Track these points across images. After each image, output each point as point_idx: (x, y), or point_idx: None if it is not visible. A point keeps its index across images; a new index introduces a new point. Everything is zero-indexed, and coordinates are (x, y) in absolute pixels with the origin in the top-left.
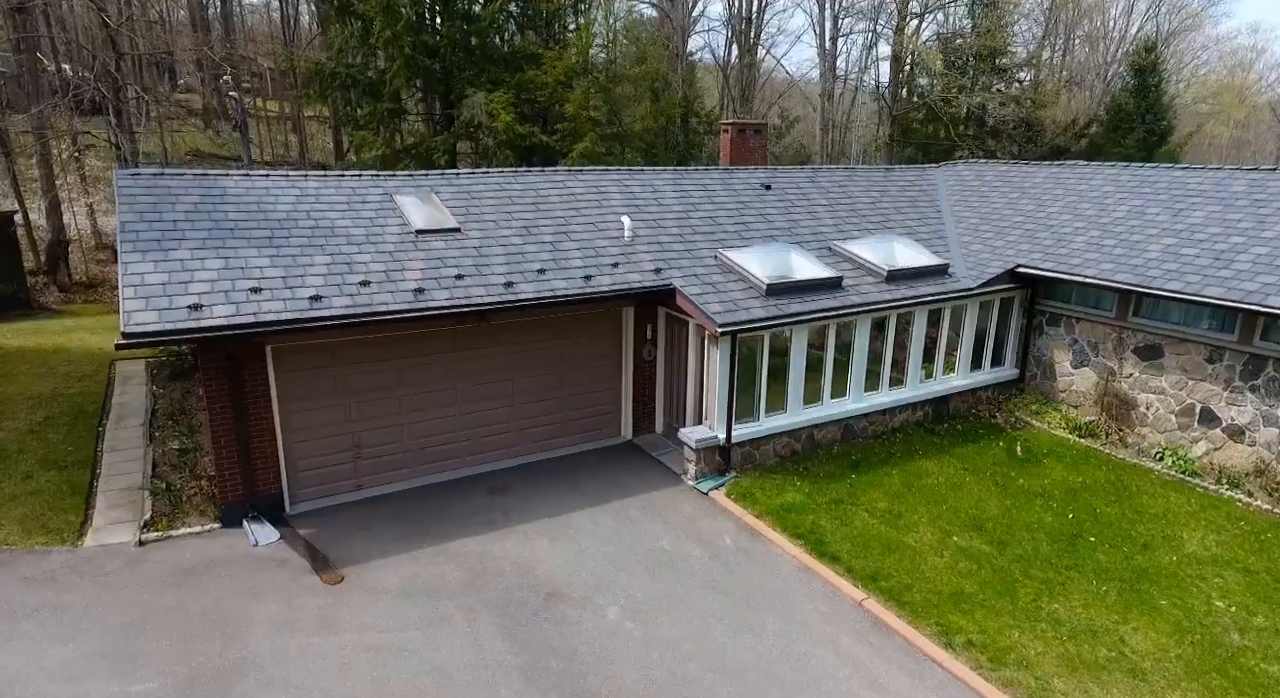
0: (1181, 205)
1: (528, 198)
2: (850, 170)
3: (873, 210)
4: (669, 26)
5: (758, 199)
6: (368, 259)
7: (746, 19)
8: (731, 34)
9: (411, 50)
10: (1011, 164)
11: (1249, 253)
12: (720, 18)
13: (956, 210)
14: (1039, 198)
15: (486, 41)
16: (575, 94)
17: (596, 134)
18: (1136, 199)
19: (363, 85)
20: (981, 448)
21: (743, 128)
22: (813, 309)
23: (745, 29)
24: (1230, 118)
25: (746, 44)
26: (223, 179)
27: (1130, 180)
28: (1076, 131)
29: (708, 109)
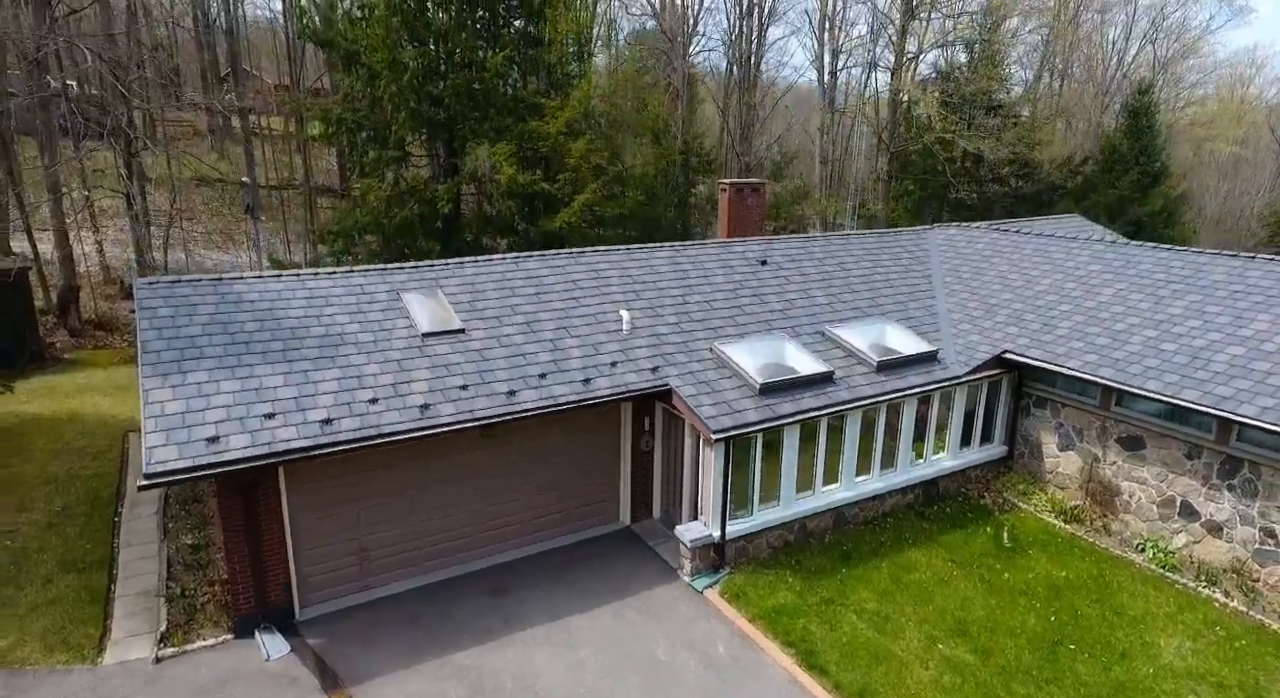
0: (1163, 292)
1: (529, 289)
2: (845, 238)
3: (865, 286)
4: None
5: (753, 277)
6: (376, 370)
7: (745, 58)
8: (730, 69)
9: (417, 103)
10: (1002, 232)
11: (1225, 353)
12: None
13: (948, 281)
14: (1027, 273)
15: (490, 90)
16: (578, 145)
17: (598, 183)
18: (1121, 282)
19: (369, 129)
20: (969, 535)
21: (740, 188)
22: (805, 408)
23: (744, 64)
24: (1230, 135)
25: (747, 83)
26: (237, 284)
27: (1115, 260)
28: (1072, 169)
29: (707, 149)
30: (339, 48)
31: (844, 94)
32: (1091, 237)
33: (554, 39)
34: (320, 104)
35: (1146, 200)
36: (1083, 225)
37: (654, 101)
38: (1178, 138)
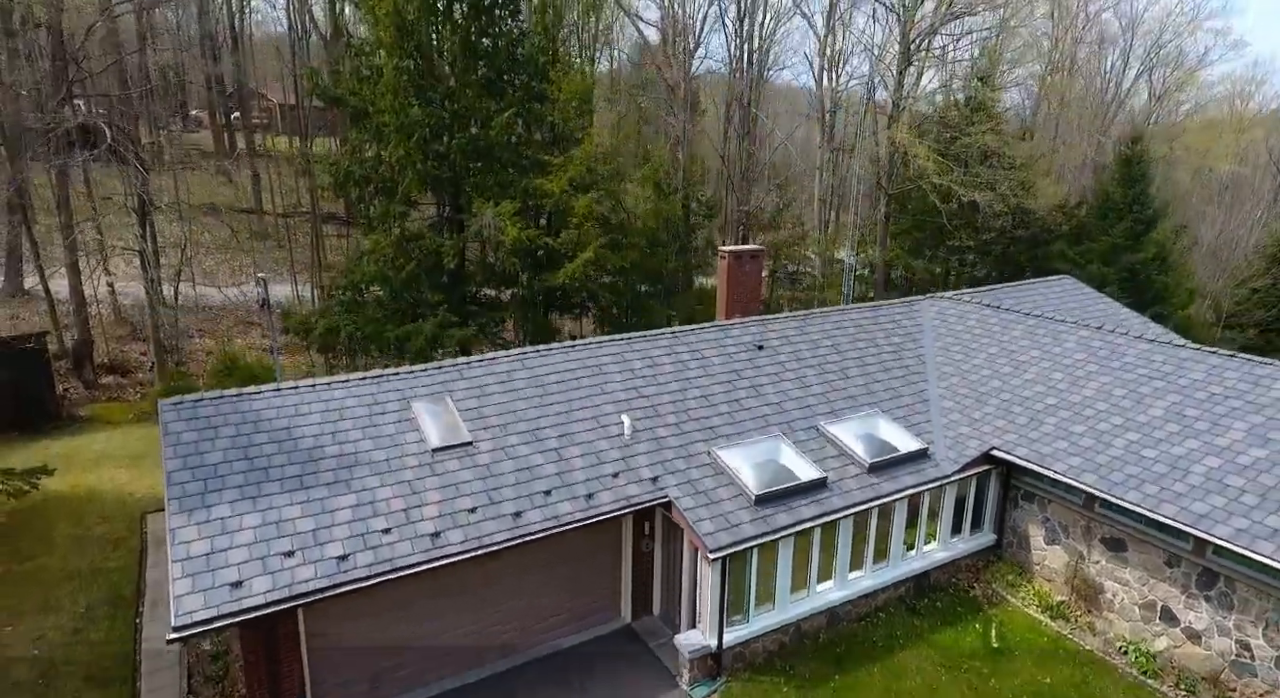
0: (1144, 390)
1: (532, 390)
2: (841, 313)
3: (859, 369)
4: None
5: (750, 366)
6: (389, 494)
7: (746, 102)
8: (729, 115)
9: (423, 163)
10: (992, 309)
11: (1202, 464)
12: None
13: (939, 362)
14: (1016, 358)
15: (495, 145)
16: (581, 203)
17: (600, 240)
18: (1105, 376)
19: (376, 182)
20: (959, 633)
21: (739, 255)
22: (800, 519)
23: (745, 108)
24: (1229, 153)
25: (746, 127)
26: (255, 400)
27: (1101, 349)
28: (1066, 212)
29: (707, 196)
30: (347, 104)
31: (843, 128)
32: (1080, 317)
33: (557, 99)
34: (328, 159)
35: (1140, 248)
36: (1074, 288)
37: (657, 153)
38: (1175, 165)
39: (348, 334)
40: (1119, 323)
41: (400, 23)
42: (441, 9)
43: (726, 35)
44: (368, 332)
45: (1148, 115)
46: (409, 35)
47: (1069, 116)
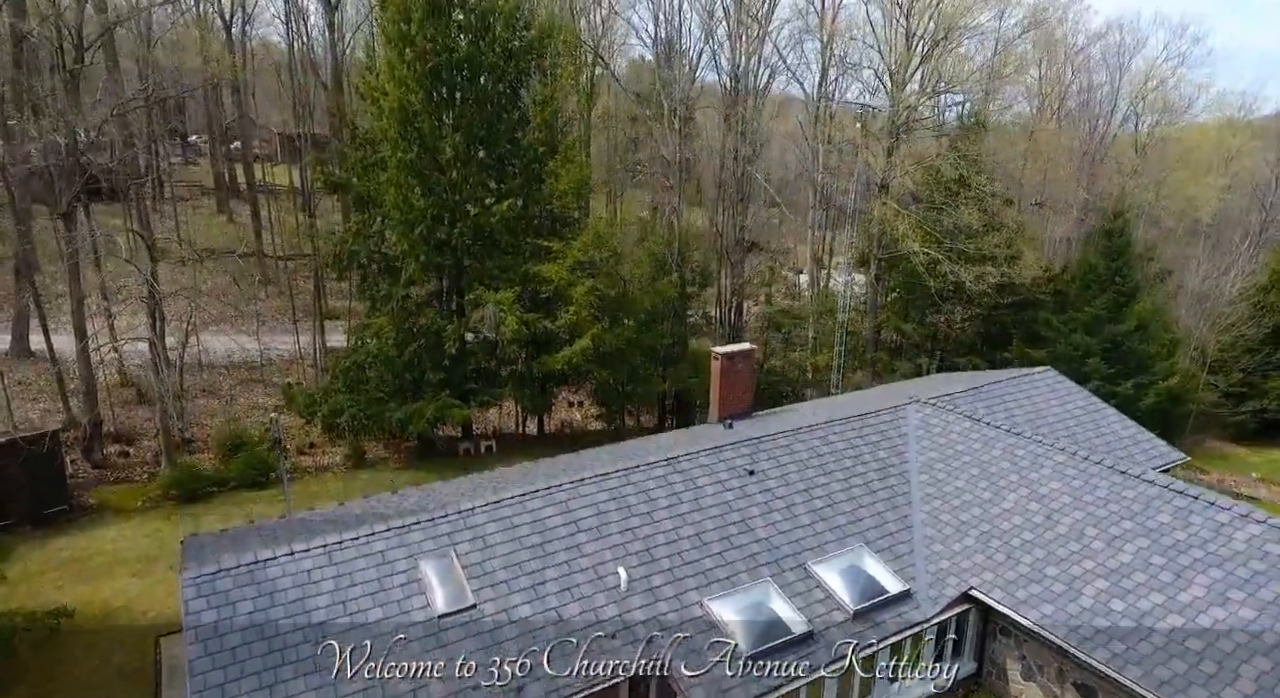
0: (1115, 531)
1: (534, 536)
2: (827, 428)
3: (845, 494)
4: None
5: (742, 495)
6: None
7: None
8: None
9: (426, 254)
10: (973, 421)
11: (1167, 621)
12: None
13: (923, 482)
14: (996, 483)
15: (496, 232)
16: (579, 290)
17: (598, 326)
18: (1079, 511)
19: (379, 262)
20: None
21: (731, 355)
22: (788, 677)
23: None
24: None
25: (737, 205)
26: (270, 567)
27: (1075, 478)
28: (1049, 277)
29: (704, 266)
30: (351, 190)
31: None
32: (1061, 416)
33: (555, 189)
34: (331, 237)
35: (1122, 319)
36: (1056, 383)
37: (654, 240)
38: (1162, 214)
39: (351, 416)
40: (1098, 425)
41: (405, 116)
42: (444, 102)
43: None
44: (370, 413)
45: (1133, 169)
46: (413, 127)
47: (1056, 172)
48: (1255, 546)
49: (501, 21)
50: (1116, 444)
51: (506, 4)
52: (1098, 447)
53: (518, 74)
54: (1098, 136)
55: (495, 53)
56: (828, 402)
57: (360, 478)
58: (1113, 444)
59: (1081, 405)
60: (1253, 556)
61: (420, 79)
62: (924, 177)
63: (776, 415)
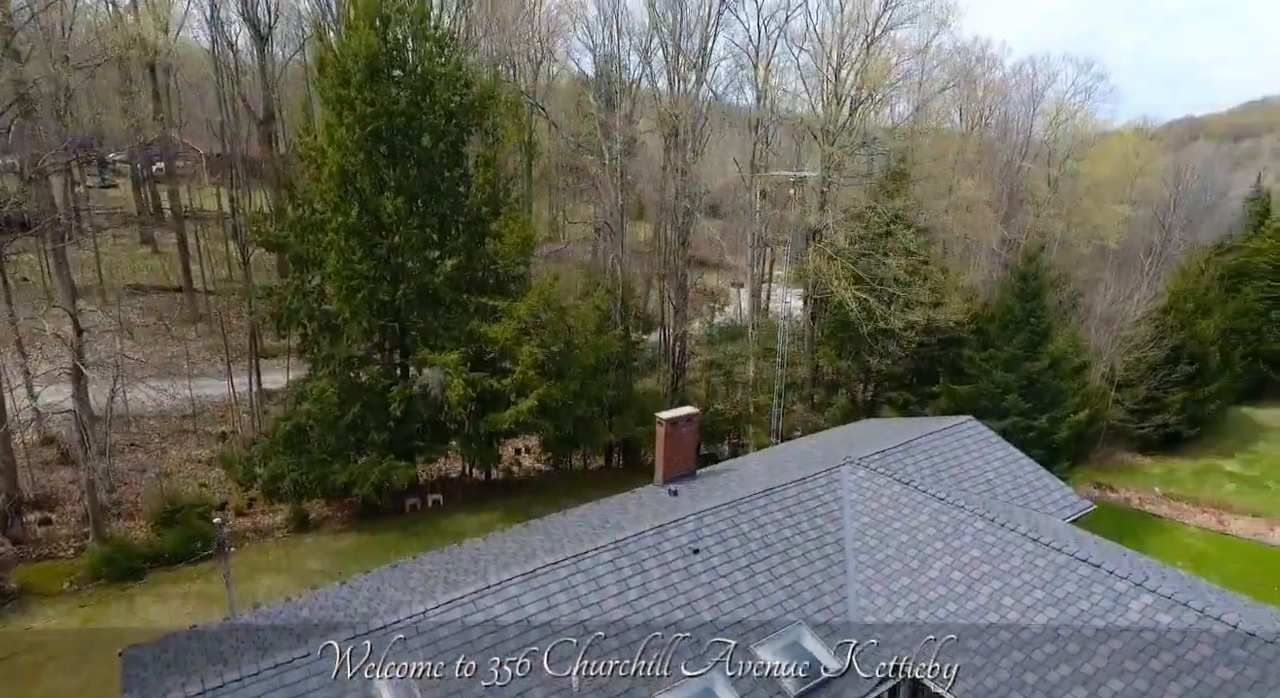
0: (1028, 600)
1: (487, 639)
2: (767, 497)
3: (785, 567)
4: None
5: (687, 576)
6: None
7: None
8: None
9: (370, 316)
10: (902, 485)
11: (1073, 694)
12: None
13: (856, 549)
14: (922, 551)
15: (440, 292)
16: (525, 350)
17: (544, 386)
18: (996, 580)
19: (320, 320)
20: None
21: (675, 421)
22: None
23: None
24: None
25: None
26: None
27: (994, 546)
28: (972, 315)
29: (649, 310)
30: (290, 249)
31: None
32: (982, 468)
33: (500, 252)
34: (269, 293)
35: (1037, 357)
36: (976, 434)
37: (598, 296)
38: (1074, 241)
39: (293, 480)
40: (1015, 476)
41: (345, 178)
42: (385, 162)
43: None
44: (313, 477)
45: (1046, 200)
46: (353, 189)
47: (978, 218)
48: (1148, 615)
49: (442, 83)
50: (1031, 495)
51: (447, 66)
52: (1014, 498)
53: (459, 133)
54: (1014, 170)
55: (436, 113)
56: (768, 456)
57: (304, 544)
58: (1027, 496)
59: (1000, 456)
60: (1145, 626)
61: (360, 141)
62: (852, 228)
63: (719, 476)
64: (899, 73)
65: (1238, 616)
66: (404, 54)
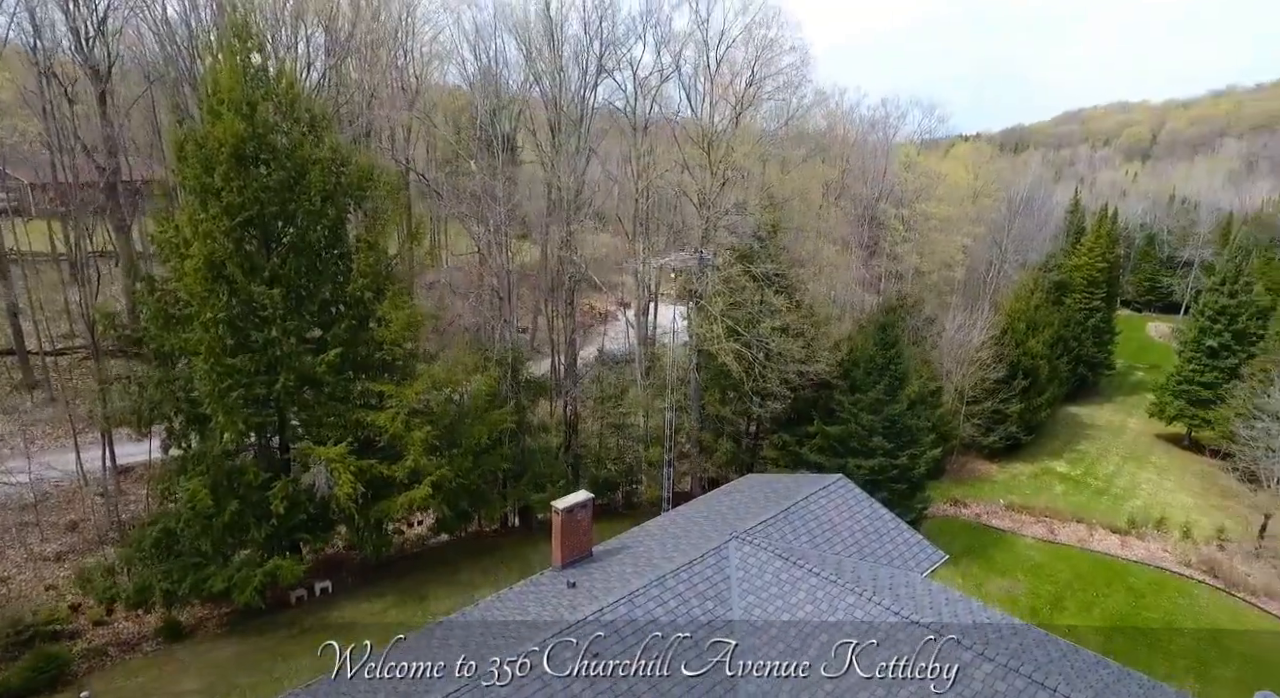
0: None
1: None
2: (661, 586)
3: (680, 659)
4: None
5: (589, 686)
6: None
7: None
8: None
9: (246, 419)
10: (783, 560)
11: None
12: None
13: (743, 633)
14: (801, 629)
15: (323, 383)
16: (416, 437)
17: (437, 474)
18: (865, 658)
19: (188, 414)
20: None
21: (571, 509)
22: None
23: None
24: (959, 261)
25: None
26: None
27: (863, 620)
28: (840, 361)
29: (541, 374)
30: (151, 343)
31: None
32: (851, 528)
33: (386, 337)
34: (126, 388)
35: (897, 401)
36: (846, 492)
37: (488, 377)
38: (926, 270)
39: (163, 591)
40: (880, 534)
41: (213, 270)
42: (259, 251)
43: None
44: (186, 584)
45: (902, 237)
46: (223, 280)
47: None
48: (989, 684)
49: (317, 169)
50: (894, 553)
51: (321, 149)
52: (880, 558)
53: (338, 215)
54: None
55: (312, 199)
56: (660, 527)
57: (177, 657)
58: (891, 553)
59: (867, 514)
60: (986, 694)
61: (229, 231)
62: (731, 292)
63: (615, 557)
64: (767, 138)
65: (1059, 679)
66: (274, 138)
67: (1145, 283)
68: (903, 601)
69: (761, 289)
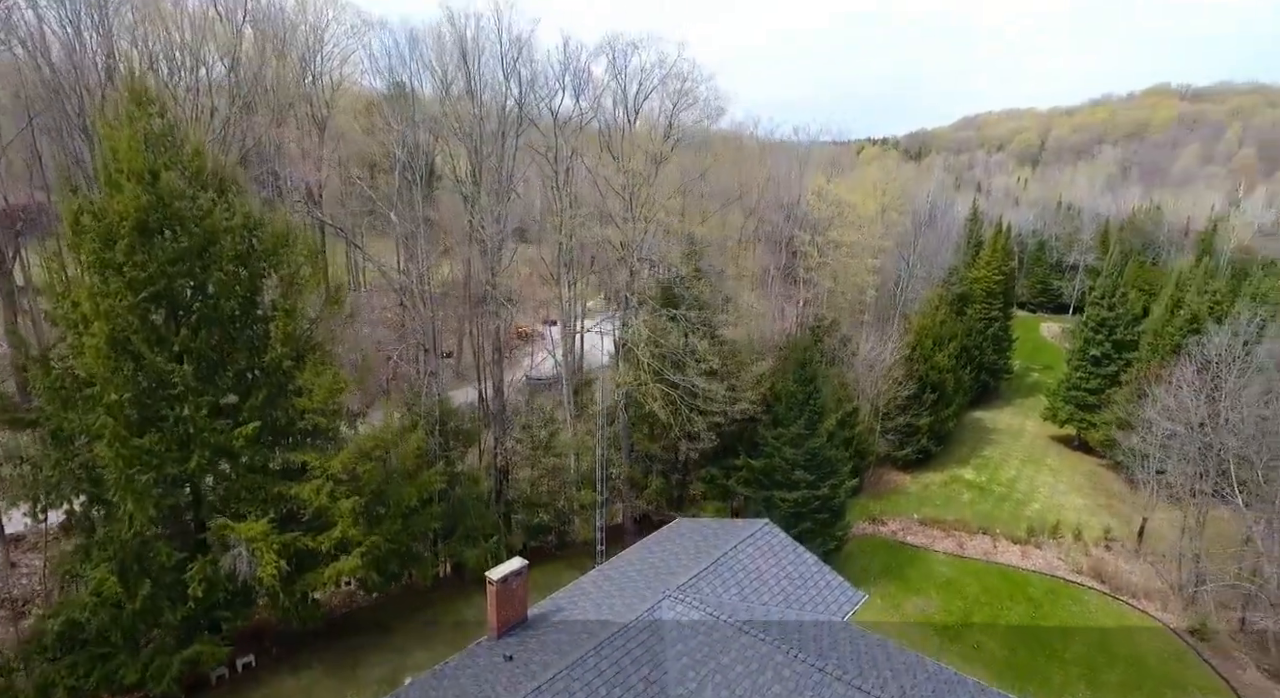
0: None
1: None
2: (598, 655)
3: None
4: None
5: None
6: None
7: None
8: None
9: (157, 502)
10: (714, 618)
11: None
12: None
13: (679, 695)
14: (734, 689)
15: (242, 458)
16: (343, 508)
17: (364, 545)
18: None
19: (91, 495)
20: None
21: (506, 578)
22: None
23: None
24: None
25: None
26: None
27: (790, 679)
28: (762, 396)
29: (468, 404)
30: (47, 425)
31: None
32: (777, 575)
33: (308, 409)
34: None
35: (816, 435)
36: (771, 536)
37: (417, 436)
38: (841, 293)
39: (68, 688)
40: (805, 578)
41: (117, 348)
42: (168, 325)
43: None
44: (95, 679)
45: (817, 264)
46: (128, 357)
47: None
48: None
49: (229, 238)
50: (819, 598)
51: (232, 219)
52: (806, 604)
53: (253, 282)
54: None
55: (224, 268)
56: (595, 584)
57: None
58: (815, 599)
59: (791, 560)
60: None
61: (133, 306)
62: (656, 340)
63: (551, 623)
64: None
65: None
66: (180, 205)
67: (1038, 286)
68: (826, 653)
69: (686, 334)
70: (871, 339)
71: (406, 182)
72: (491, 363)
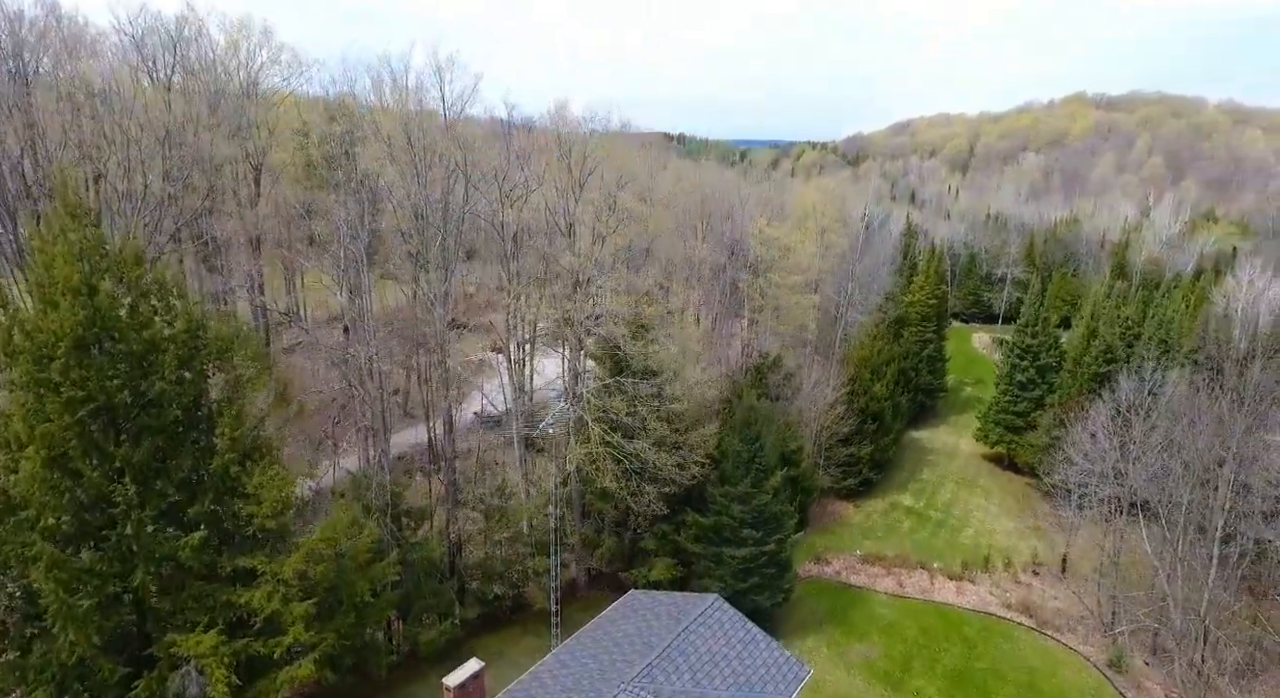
0: None
1: None
2: None
3: None
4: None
5: None
6: None
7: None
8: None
9: (99, 622)
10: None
11: None
12: None
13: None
14: None
15: (188, 566)
16: (296, 612)
17: (319, 651)
18: None
19: (23, 612)
20: None
21: (464, 684)
22: None
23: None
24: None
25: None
26: None
27: None
28: (709, 455)
29: (420, 503)
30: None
31: None
32: (726, 653)
33: (257, 515)
34: None
35: (763, 491)
36: (721, 612)
37: (370, 529)
38: (784, 330)
39: None
40: (753, 655)
41: (55, 466)
42: (108, 440)
43: None
44: None
45: (760, 305)
46: (66, 477)
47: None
48: None
49: (172, 345)
50: (767, 676)
51: (174, 323)
52: (755, 683)
53: (197, 387)
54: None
55: (166, 378)
56: (551, 674)
57: None
58: (765, 677)
59: (740, 637)
60: None
61: (70, 426)
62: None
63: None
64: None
65: None
66: (118, 314)
67: (970, 297)
68: None
69: (634, 405)
70: (815, 373)
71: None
72: (440, 398)
